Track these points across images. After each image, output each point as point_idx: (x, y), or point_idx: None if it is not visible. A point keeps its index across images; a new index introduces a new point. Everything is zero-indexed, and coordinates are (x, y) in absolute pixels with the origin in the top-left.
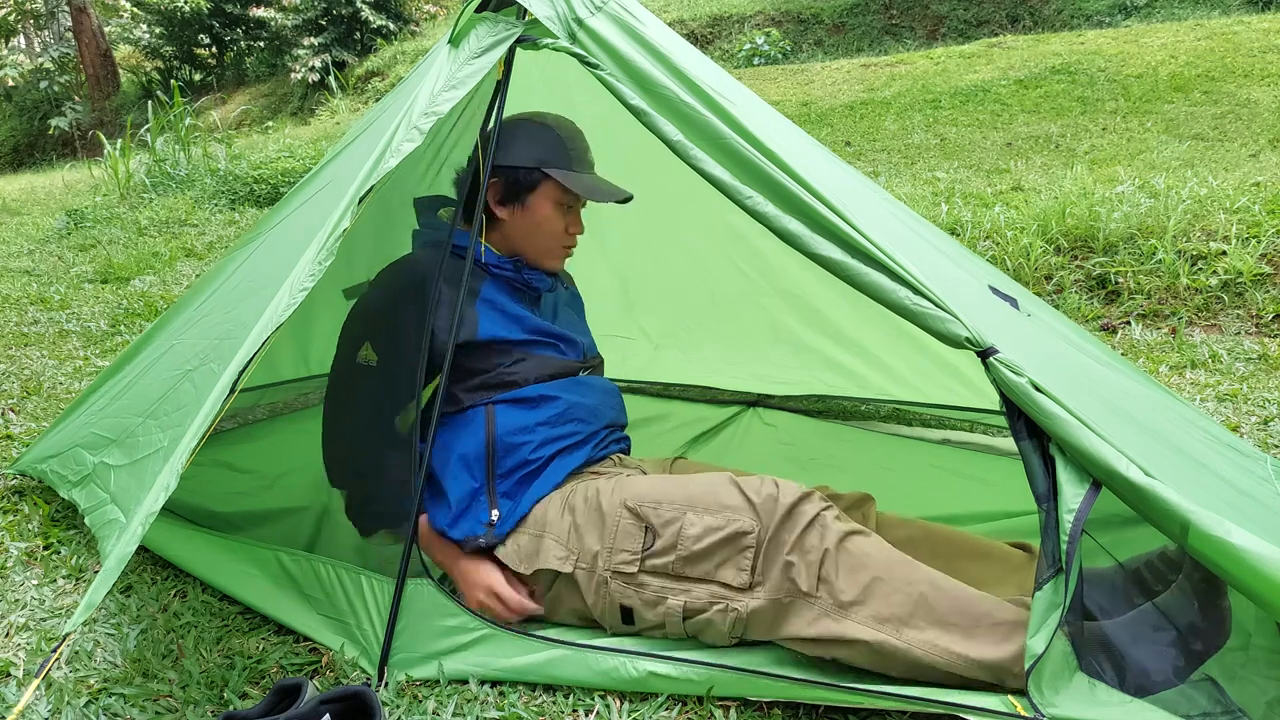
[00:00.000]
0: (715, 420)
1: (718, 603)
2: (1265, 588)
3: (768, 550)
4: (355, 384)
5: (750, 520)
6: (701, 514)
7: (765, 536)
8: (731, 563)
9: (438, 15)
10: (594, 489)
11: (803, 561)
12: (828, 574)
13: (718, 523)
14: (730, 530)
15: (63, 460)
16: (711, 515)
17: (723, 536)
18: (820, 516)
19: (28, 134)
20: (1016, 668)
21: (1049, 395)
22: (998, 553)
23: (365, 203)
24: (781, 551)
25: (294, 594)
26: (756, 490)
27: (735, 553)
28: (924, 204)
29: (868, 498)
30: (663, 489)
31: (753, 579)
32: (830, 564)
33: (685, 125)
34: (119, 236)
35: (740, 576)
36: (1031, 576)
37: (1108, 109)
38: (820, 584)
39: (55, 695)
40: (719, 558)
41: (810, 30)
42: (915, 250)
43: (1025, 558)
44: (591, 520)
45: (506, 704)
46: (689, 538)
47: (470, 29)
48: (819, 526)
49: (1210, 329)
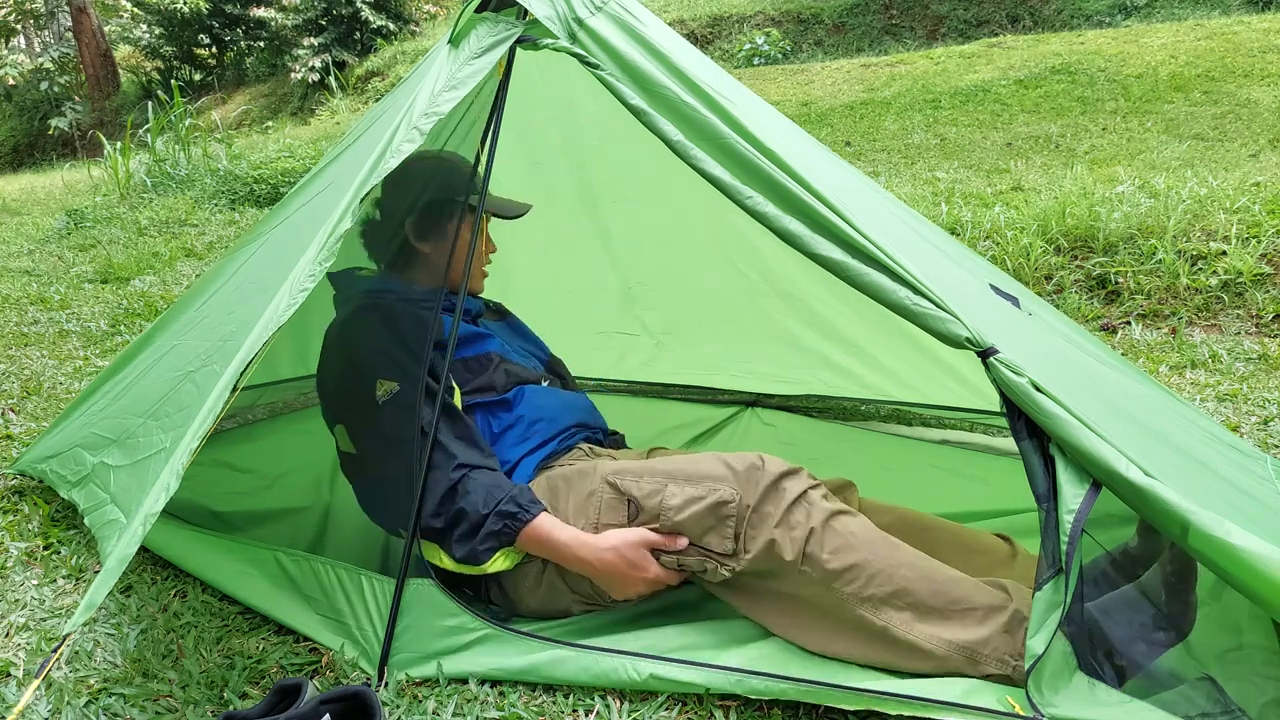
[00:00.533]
0: (714, 420)
1: (710, 562)
2: (1265, 588)
3: (752, 520)
4: (385, 419)
5: (731, 490)
6: (682, 485)
7: (749, 506)
8: (715, 531)
9: (438, 15)
10: (574, 470)
11: (788, 537)
12: (813, 550)
13: (699, 492)
14: (712, 500)
15: (62, 460)
16: (693, 485)
17: (705, 506)
18: (807, 494)
19: (28, 134)
20: (989, 649)
21: (1049, 395)
22: (976, 543)
23: (365, 202)
24: (768, 524)
25: (294, 594)
26: (740, 460)
27: (718, 521)
28: (924, 204)
29: (849, 484)
30: (644, 464)
31: (737, 546)
32: (815, 541)
33: (685, 125)
34: (119, 236)
35: (725, 544)
36: (1011, 567)
37: (1108, 109)
38: (805, 559)
39: (55, 695)
40: (703, 527)
41: (810, 30)
42: (915, 250)
43: (1006, 548)
44: (575, 499)
45: (506, 704)
46: (671, 508)
47: (470, 29)
48: (805, 503)
49: (1210, 329)
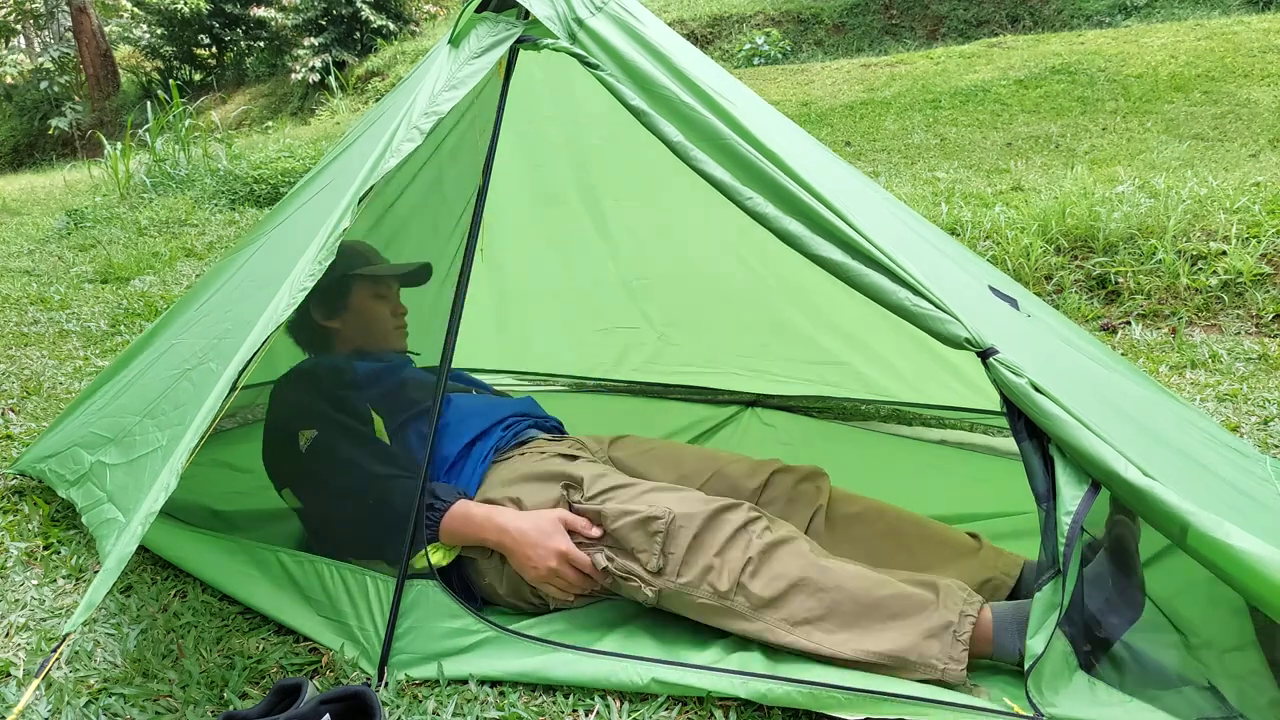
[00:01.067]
0: (714, 420)
1: (632, 580)
2: (1264, 588)
3: (691, 546)
4: (311, 464)
5: (664, 509)
6: (625, 502)
7: (682, 528)
8: (644, 546)
9: (438, 15)
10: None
11: (725, 567)
12: (745, 581)
13: (636, 507)
14: (645, 514)
15: (61, 460)
16: (633, 503)
17: (637, 519)
18: (748, 527)
19: (28, 134)
20: (914, 655)
21: (1049, 396)
22: (943, 536)
23: (365, 202)
24: (706, 553)
25: (295, 595)
26: (690, 494)
27: (647, 536)
28: (924, 204)
29: (820, 472)
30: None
31: (663, 563)
32: (749, 571)
33: (686, 126)
34: (119, 236)
35: (651, 560)
36: (975, 558)
37: (1108, 109)
38: (737, 590)
39: (55, 695)
40: (632, 540)
41: (810, 30)
42: (916, 251)
43: (972, 543)
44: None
45: (506, 704)
46: (607, 515)
47: (470, 29)
48: (745, 536)
49: (1210, 329)
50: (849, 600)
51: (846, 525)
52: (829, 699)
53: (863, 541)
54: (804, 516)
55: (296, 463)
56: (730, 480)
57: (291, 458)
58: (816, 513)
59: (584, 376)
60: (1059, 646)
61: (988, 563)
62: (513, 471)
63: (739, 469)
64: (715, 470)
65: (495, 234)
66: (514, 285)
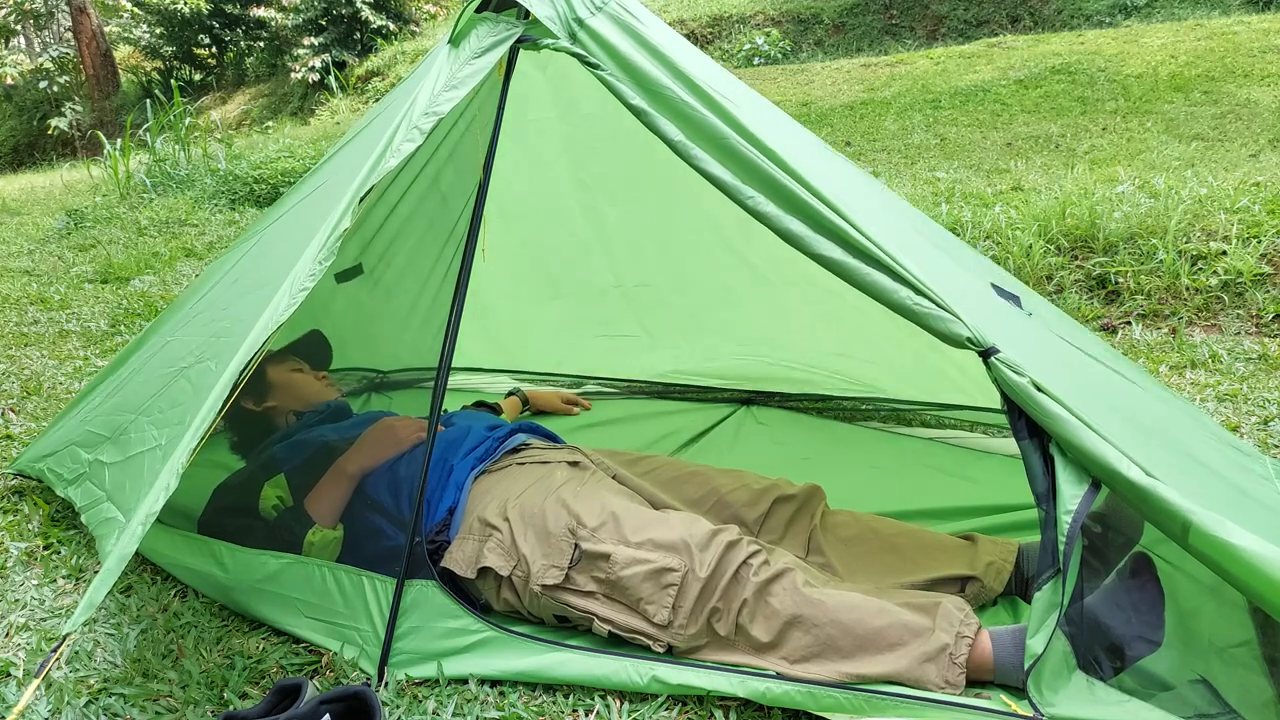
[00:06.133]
0: (710, 420)
1: (639, 639)
2: (1265, 587)
3: (700, 595)
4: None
5: (680, 561)
6: (634, 549)
7: (694, 581)
8: (655, 599)
9: (438, 15)
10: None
11: (726, 610)
12: (744, 622)
13: (648, 556)
14: (656, 566)
15: (59, 458)
16: (644, 551)
17: (649, 570)
18: (748, 562)
19: (28, 134)
20: (909, 679)
21: (1050, 395)
22: (938, 543)
23: (365, 201)
24: (711, 599)
25: (292, 597)
26: (701, 530)
27: (658, 589)
28: (924, 204)
29: (817, 491)
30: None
31: (674, 617)
32: (747, 613)
33: (686, 125)
34: (119, 236)
35: (662, 613)
36: (973, 554)
37: (1108, 109)
38: (737, 632)
39: (55, 695)
40: (642, 591)
41: (810, 30)
42: (917, 249)
43: (965, 544)
44: (534, 534)
45: (506, 704)
46: (617, 563)
47: (470, 29)
48: (745, 573)
49: (1210, 329)
50: (844, 635)
51: (845, 546)
52: (829, 699)
53: (863, 557)
54: (802, 541)
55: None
56: (732, 510)
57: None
58: (814, 533)
59: (583, 376)
60: (1059, 646)
61: (985, 550)
62: (507, 491)
63: (740, 497)
64: (717, 499)
65: (495, 233)
66: (512, 285)
